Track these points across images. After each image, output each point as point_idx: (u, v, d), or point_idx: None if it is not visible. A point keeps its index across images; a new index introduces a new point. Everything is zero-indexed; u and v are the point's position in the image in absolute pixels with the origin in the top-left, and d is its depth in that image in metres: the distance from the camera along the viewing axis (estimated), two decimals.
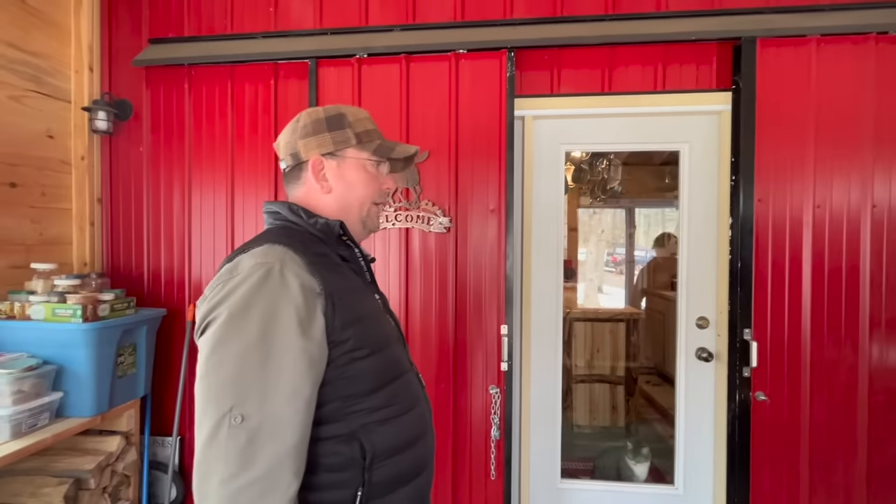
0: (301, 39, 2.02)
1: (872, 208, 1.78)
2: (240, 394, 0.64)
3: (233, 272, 0.71)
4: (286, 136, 0.89)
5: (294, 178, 0.88)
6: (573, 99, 1.93)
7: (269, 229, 0.84)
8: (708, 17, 1.83)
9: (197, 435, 0.64)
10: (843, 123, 1.78)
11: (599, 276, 6.14)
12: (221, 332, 0.66)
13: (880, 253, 1.78)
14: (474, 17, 1.96)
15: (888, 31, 1.74)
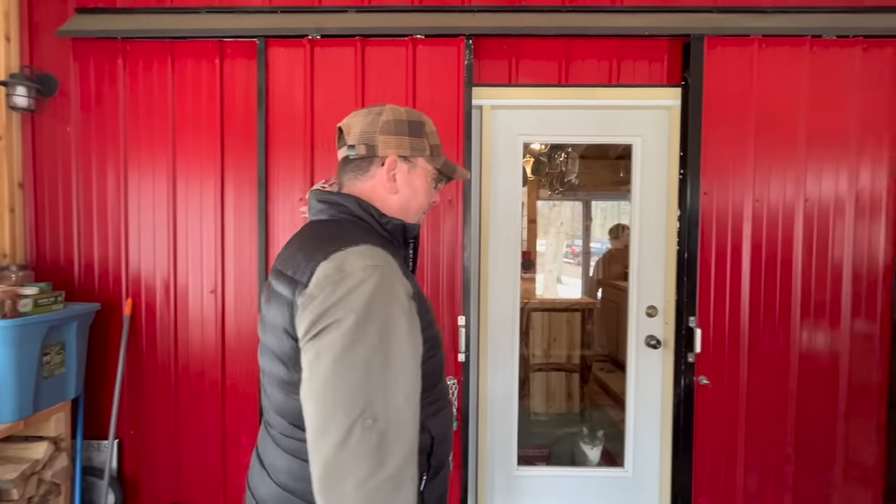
0: (248, 17, 1.91)
1: (805, 203, 1.89)
2: (368, 397, 0.65)
3: (342, 272, 0.69)
4: (364, 124, 0.85)
5: (360, 169, 0.86)
6: (531, 90, 1.93)
7: (343, 224, 0.82)
8: (660, 14, 1.87)
9: (321, 441, 0.64)
10: (781, 123, 1.88)
11: (559, 267, 6.29)
12: (349, 336, 0.66)
13: (811, 244, 1.90)
14: (432, 3, 1.92)
15: (822, 35, 1.84)
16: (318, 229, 0.81)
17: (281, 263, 0.80)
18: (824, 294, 1.91)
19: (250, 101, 1.92)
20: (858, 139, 1.89)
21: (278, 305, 0.74)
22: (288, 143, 1.91)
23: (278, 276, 0.78)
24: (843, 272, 1.90)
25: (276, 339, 0.75)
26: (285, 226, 1.92)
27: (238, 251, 1.94)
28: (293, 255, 0.78)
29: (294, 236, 0.85)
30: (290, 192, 1.91)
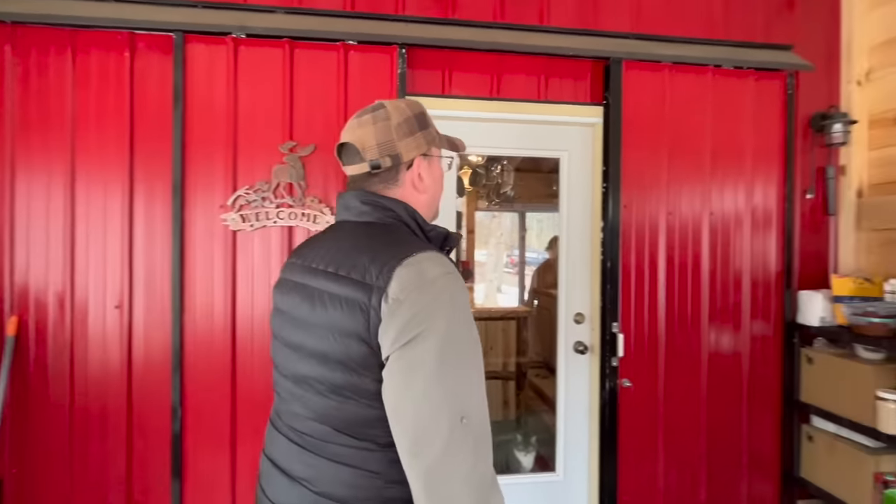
0: (165, 9, 1.77)
1: (710, 215, 2.07)
2: (463, 401, 0.67)
3: (424, 278, 0.69)
4: (378, 135, 0.81)
5: (389, 179, 0.83)
6: (464, 101, 1.96)
7: (394, 229, 0.80)
8: (583, 36, 1.99)
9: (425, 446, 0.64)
10: (690, 142, 2.05)
11: (499, 277, 6.43)
12: (442, 344, 0.67)
13: (716, 253, 2.08)
14: (365, 9, 1.89)
15: (721, 65, 2.05)
16: (371, 232, 0.79)
17: (325, 263, 0.77)
18: (728, 299, 2.09)
19: (166, 99, 1.78)
20: (753, 159, 2.11)
21: (342, 309, 0.71)
22: (208, 146, 1.78)
23: (331, 278, 0.74)
24: (742, 279, 2.10)
25: (334, 343, 0.72)
26: (203, 233, 1.78)
27: (149, 261, 1.77)
28: (346, 256, 0.75)
29: (329, 235, 0.84)
30: (209, 198, 1.78)
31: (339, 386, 0.72)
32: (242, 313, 1.79)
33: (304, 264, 0.82)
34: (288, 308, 0.82)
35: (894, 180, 2.05)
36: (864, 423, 1.79)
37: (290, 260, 0.89)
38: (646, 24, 2.07)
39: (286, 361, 0.81)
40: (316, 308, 0.75)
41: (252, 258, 1.79)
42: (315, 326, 0.75)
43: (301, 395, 0.77)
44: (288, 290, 0.83)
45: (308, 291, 0.78)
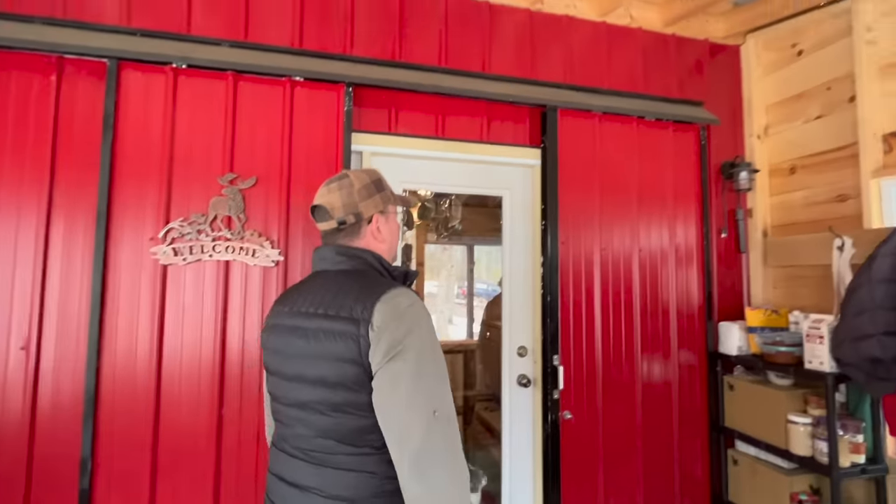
0: (99, 35, 1.71)
1: (639, 252, 2.23)
2: (435, 399, 0.87)
3: (398, 309, 0.89)
4: (344, 198, 1.02)
5: (352, 232, 1.04)
6: (410, 140, 2.02)
7: (367, 273, 1.00)
8: (523, 85, 2.13)
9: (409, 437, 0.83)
10: (619, 184, 2.22)
11: (451, 308, 6.43)
12: (418, 358, 0.87)
13: (645, 287, 2.23)
14: (312, 47, 1.93)
15: (644, 117, 2.26)
16: (349, 278, 0.98)
17: (315, 306, 0.95)
18: (658, 330, 2.23)
19: (95, 125, 1.69)
20: (674, 201, 2.31)
21: (336, 340, 0.89)
22: (140, 175, 1.70)
23: (324, 318, 0.92)
24: (669, 311, 2.26)
25: (332, 368, 0.89)
26: (129, 267, 1.67)
27: (65, 299, 1.63)
28: (334, 298, 0.93)
29: (312, 283, 1.02)
30: (138, 230, 1.69)
31: (339, 403, 0.89)
32: (170, 356, 1.67)
33: (293, 310, 0.99)
34: (284, 347, 0.98)
35: (792, 222, 2.32)
36: (778, 445, 1.93)
37: (277, 308, 1.05)
38: (578, 76, 2.25)
39: (288, 392, 0.96)
40: (312, 343, 0.92)
41: (183, 294, 1.70)
42: (314, 357, 0.92)
43: (305, 418, 0.93)
44: (281, 333, 0.99)
45: (303, 331, 0.94)
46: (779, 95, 2.39)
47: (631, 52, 2.35)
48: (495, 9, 2.17)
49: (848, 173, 2.05)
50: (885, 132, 1.94)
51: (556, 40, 2.25)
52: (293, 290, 1.06)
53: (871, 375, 1.67)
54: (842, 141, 2.08)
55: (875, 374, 1.67)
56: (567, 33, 2.26)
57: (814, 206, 2.21)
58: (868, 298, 1.64)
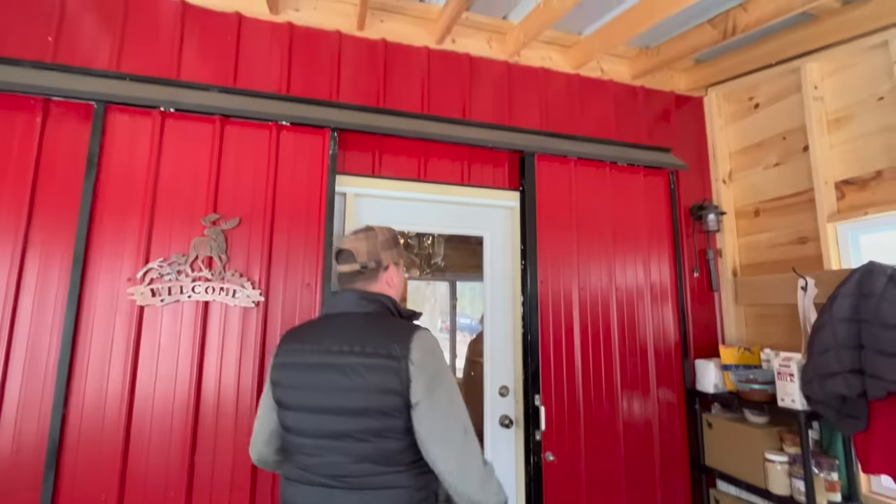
0: (87, 79, 1.74)
1: (616, 291, 2.29)
2: (464, 417, 1.07)
3: (429, 346, 1.08)
4: (368, 246, 1.20)
5: (371, 277, 1.20)
6: (393, 182, 2.07)
7: (387, 314, 1.17)
8: (501, 131, 2.23)
9: (449, 449, 1.02)
10: (595, 225, 2.31)
11: None
12: (449, 386, 1.07)
13: (623, 326, 2.27)
14: (299, 93, 2.00)
15: (616, 162, 2.38)
16: (374, 319, 1.13)
17: (349, 345, 1.06)
18: (637, 368, 2.26)
19: (78, 165, 1.70)
20: (648, 242, 2.40)
21: (379, 374, 1.02)
22: (121, 215, 1.70)
23: (361, 354, 1.05)
24: (648, 348, 2.30)
25: (375, 399, 1.02)
26: (104, 309, 1.63)
27: (35, 340, 1.57)
28: (368, 337, 1.07)
29: (336, 323, 1.13)
30: (116, 270, 1.67)
31: (380, 430, 1.02)
32: (141, 402, 1.62)
33: (321, 348, 1.09)
34: (314, 383, 1.07)
35: (759, 262, 2.42)
36: (758, 485, 1.94)
37: (293, 346, 1.14)
38: (554, 123, 2.37)
39: (320, 424, 1.05)
40: (353, 378, 1.03)
41: (159, 337, 1.66)
42: (355, 391, 1.03)
43: (341, 447, 1.03)
44: (309, 370, 1.08)
45: (339, 367, 1.05)
46: (740, 143, 2.56)
47: (603, 102, 2.50)
48: (475, 61, 2.30)
49: (807, 217, 2.17)
50: (836, 180, 2.08)
51: (533, 90, 2.38)
52: (310, 330, 1.16)
53: (841, 413, 1.72)
54: (799, 187, 2.22)
55: (844, 412, 1.72)
56: (543, 84, 2.40)
57: (778, 248, 2.32)
58: (831, 337, 1.71)
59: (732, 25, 2.03)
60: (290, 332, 1.19)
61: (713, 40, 2.13)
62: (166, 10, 1.90)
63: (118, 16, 1.85)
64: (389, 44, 2.17)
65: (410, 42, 2.21)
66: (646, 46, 2.48)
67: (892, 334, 1.57)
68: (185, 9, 1.92)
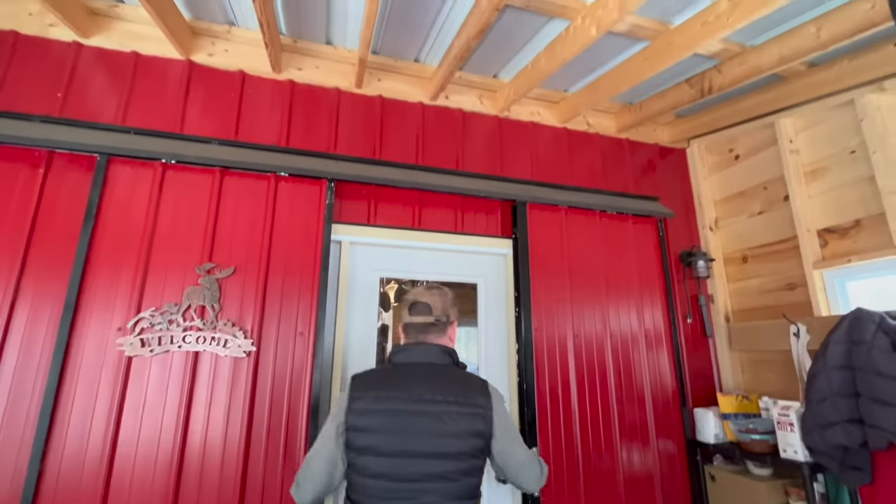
0: (93, 132, 1.80)
1: (611, 338, 2.29)
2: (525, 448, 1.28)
3: (497, 396, 1.27)
4: (443, 302, 1.38)
5: (441, 330, 1.35)
6: (388, 230, 2.11)
7: (459, 366, 1.34)
8: (493, 181, 2.30)
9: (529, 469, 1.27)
10: (587, 272, 2.34)
11: None
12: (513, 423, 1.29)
13: (619, 373, 2.25)
14: (299, 146, 2.07)
15: (606, 210, 2.44)
16: (455, 370, 1.29)
17: (441, 394, 1.20)
18: (635, 417, 2.22)
19: (76, 214, 1.72)
20: (640, 287, 2.42)
21: (470, 420, 1.18)
22: (115, 264, 1.70)
23: (453, 403, 1.19)
24: (645, 396, 2.26)
25: (466, 442, 1.17)
26: (92, 359, 1.60)
27: (17, 391, 1.53)
28: (453, 386, 1.22)
29: (420, 373, 1.24)
30: (106, 319, 1.65)
31: (468, 469, 1.18)
32: (123, 458, 1.56)
33: (411, 396, 1.18)
34: (409, 429, 1.15)
35: (750, 308, 2.45)
36: None
37: (379, 394, 1.20)
38: (544, 173, 2.46)
39: (414, 468, 1.14)
40: (448, 424, 1.16)
41: (145, 389, 1.62)
42: (450, 436, 1.16)
43: (434, 488, 1.14)
44: (402, 416, 1.17)
45: (434, 414, 1.17)
46: (724, 192, 2.65)
47: (590, 153, 2.61)
48: (468, 116, 2.41)
49: (793, 263, 2.22)
50: (818, 228, 2.15)
51: (523, 142, 2.48)
52: (390, 378, 1.24)
53: (844, 464, 1.68)
54: (783, 234, 2.28)
55: (847, 463, 1.68)
56: (533, 137, 2.51)
57: (768, 294, 2.36)
58: (826, 385, 1.70)
59: (709, 85, 2.17)
60: (362, 379, 1.24)
61: (691, 98, 2.27)
62: (174, 69, 2.00)
63: (127, 74, 1.94)
64: (386, 100, 2.28)
65: (406, 98, 2.32)
66: (629, 102, 2.62)
67: (886, 382, 1.57)
68: (192, 68, 2.02)
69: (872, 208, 1.95)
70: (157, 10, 1.73)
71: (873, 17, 1.60)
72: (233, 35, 2.06)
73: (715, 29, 1.69)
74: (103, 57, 1.93)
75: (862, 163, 2.00)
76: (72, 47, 1.90)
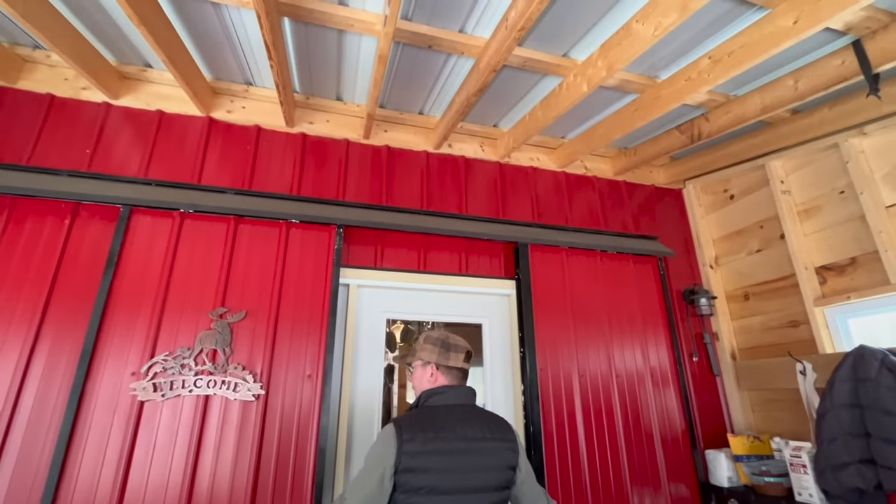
0: (117, 185, 1.92)
1: (616, 378, 2.28)
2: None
3: (514, 428, 1.45)
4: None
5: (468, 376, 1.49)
6: (395, 273, 2.17)
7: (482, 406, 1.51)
8: (496, 224, 2.39)
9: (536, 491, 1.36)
10: (590, 311, 2.37)
11: None
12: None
13: (627, 415, 2.23)
14: (309, 195, 2.18)
15: (606, 250, 2.50)
16: (484, 410, 1.39)
17: (482, 432, 1.29)
18: (644, 459, 2.18)
19: (97, 264, 1.80)
20: (643, 325, 2.44)
21: (506, 454, 1.30)
22: (132, 311, 1.77)
23: (491, 440, 1.29)
24: (654, 437, 2.23)
25: (504, 475, 1.28)
26: (105, 405, 1.63)
27: (31, 436, 1.55)
28: (489, 425, 1.32)
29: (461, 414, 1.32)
30: (121, 364, 1.69)
31: (504, 499, 1.29)
32: (132, 500, 1.56)
33: (458, 435, 1.25)
34: (461, 466, 1.22)
35: (755, 346, 2.45)
36: None
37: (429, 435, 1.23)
38: (545, 216, 2.55)
39: (467, 503, 1.21)
40: (490, 459, 1.27)
41: (156, 433, 1.65)
42: (492, 469, 1.26)
43: None
44: (454, 455, 1.23)
45: (479, 451, 1.26)
46: (721, 231, 2.71)
47: (589, 196, 2.70)
48: (470, 162, 2.53)
49: (795, 300, 2.25)
50: (816, 265, 2.19)
51: (524, 186, 2.59)
52: (436, 419, 1.28)
53: None
54: (783, 272, 2.32)
55: None
56: (533, 181, 2.62)
57: (771, 331, 2.37)
58: (836, 424, 1.69)
59: (698, 132, 2.28)
60: (408, 422, 1.25)
61: (682, 144, 2.38)
62: (195, 125, 2.15)
63: (151, 131, 2.08)
64: (392, 149, 2.41)
65: (411, 147, 2.45)
66: (624, 147, 2.74)
67: (895, 421, 1.56)
68: (212, 123, 2.17)
69: (867, 246, 1.99)
70: (182, 74, 1.88)
71: (843, 72, 1.72)
72: (250, 93, 2.22)
73: (698, 84, 1.82)
74: (130, 116, 2.09)
75: (852, 202, 2.06)
76: (101, 108, 2.06)
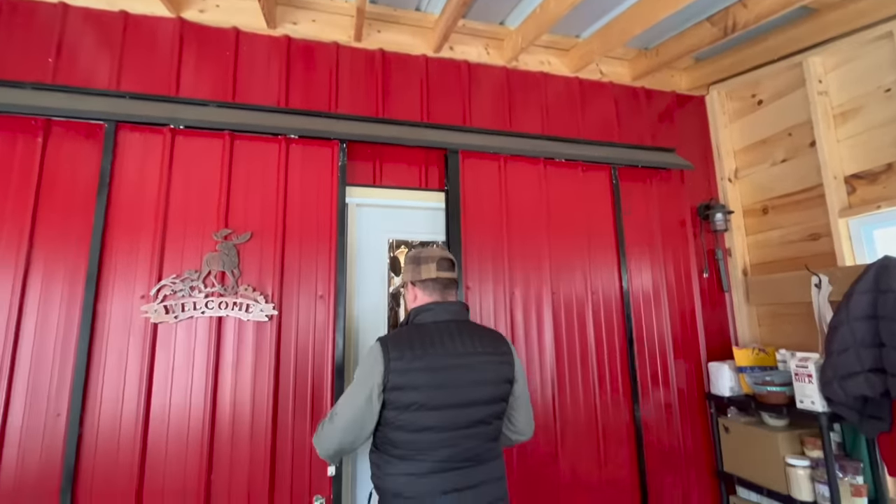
0: (89, 98, 1.74)
1: (553, 295, 2.25)
2: None
3: (509, 341, 1.39)
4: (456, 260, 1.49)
5: (455, 286, 1.38)
6: (396, 191, 2.05)
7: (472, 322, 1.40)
8: (500, 137, 2.20)
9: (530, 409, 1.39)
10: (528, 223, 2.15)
11: None
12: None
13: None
14: (298, 106, 1.99)
15: (554, 158, 2.23)
16: (474, 325, 1.34)
17: (473, 346, 1.25)
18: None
19: (89, 185, 1.69)
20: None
21: (501, 366, 1.28)
22: (133, 233, 1.69)
23: (485, 353, 1.26)
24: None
25: (500, 388, 1.27)
26: (119, 330, 1.62)
27: (39, 361, 1.56)
28: (482, 339, 1.29)
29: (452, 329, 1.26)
30: (128, 290, 1.65)
31: (499, 413, 1.28)
32: (157, 421, 1.61)
33: (449, 351, 1.22)
34: (453, 382, 1.20)
35: (770, 261, 2.38)
36: (780, 490, 1.89)
37: (416, 352, 1.19)
38: (556, 127, 2.35)
39: (458, 418, 1.19)
40: (482, 373, 1.24)
41: (173, 354, 1.65)
42: (486, 383, 1.24)
43: (477, 433, 1.22)
44: (445, 371, 1.20)
45: (470, 366, 1.23)
46: (745, 141, 2.53)
47: (604, 104, 2.48)
48: (473, 67, 2.29)
49: (817, 212, 2.14)
50: (846, 174, 2.05)
51: (534, 94, 2.36)
52: (424, 336, 1.23)
53: (863, 414, 1.67)
54: (808, 183, 2.18)
55: (866, 413, 1.67)
56: (543, 88, 2.39)
57: (789, 245, 2.28)
58: (850, 335, 1.66)
59: (732, 22, 2.02)
60: (394, 341, 1.21)
61: (713, 38, 2.12)
62: (164, 27, 1.91)
63: (116, 35, 1.86)
64: (387, 53, 2.17)
65: (408, 51, 2.20)
66: (644, 47, 2.47)
67: None
68: (183, 25, 1.93)
69: None
70: None
71: None
72: None
73: None
74: (91, 17, 1.85)
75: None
76: (58, 8, 1.81)
